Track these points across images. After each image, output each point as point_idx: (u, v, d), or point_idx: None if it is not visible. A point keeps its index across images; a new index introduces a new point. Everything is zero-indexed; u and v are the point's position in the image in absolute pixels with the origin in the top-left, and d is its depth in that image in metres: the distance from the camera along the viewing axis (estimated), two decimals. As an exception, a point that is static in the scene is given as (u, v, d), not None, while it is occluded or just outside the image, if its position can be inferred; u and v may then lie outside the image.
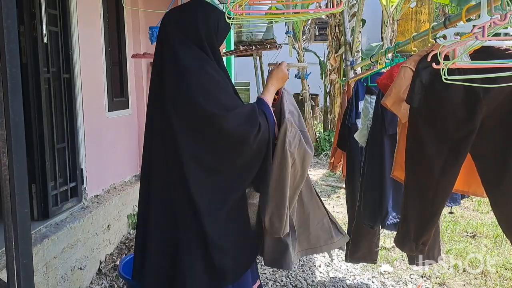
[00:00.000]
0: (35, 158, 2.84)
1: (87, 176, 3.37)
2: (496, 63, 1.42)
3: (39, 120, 2.84)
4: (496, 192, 1.56)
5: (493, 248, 3.62)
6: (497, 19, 1.29)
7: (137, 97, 4.43)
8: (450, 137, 1.53)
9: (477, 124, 1.50)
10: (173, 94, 1.59)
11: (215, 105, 1.55)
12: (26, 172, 1.14)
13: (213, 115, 1.54)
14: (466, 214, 4.43)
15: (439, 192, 1.58)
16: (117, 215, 3.67)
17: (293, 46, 9.08)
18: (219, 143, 1.58)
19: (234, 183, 1.63)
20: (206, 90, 1.57)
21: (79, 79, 3.24)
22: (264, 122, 1.61)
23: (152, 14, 3.95)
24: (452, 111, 1.51)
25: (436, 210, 1.61)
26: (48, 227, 2.81)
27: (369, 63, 2.95)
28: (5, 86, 1.09)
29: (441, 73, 1.37)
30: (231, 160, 1.61)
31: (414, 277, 3.13)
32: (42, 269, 2.53)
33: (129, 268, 2.56)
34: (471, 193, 1.78)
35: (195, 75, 1.58)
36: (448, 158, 1.54)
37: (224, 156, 1.60)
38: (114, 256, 3.46)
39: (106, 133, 3.76)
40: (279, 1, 2.44)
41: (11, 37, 1.09)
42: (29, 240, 1.16)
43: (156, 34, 2.65)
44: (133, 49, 4.20)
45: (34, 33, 2.77)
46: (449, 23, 1.65)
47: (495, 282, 3.05)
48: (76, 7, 3.19)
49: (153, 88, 1.73)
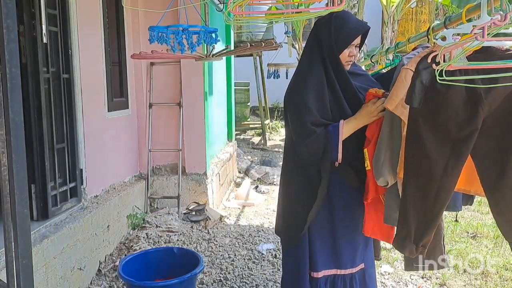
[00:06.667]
0: (34, 158, 2.84)
1: (87, 177, 3.37)
2: (496, 63, 1.42)
3: (39, 120, 2.84)
4: (496, 193, 1.55)
5: (493, 248, 3.61)
6: (497, 19, 1.29)
7: (137, 97, 4.43)
8: (452, 138, 1.53)
9: (479, 124, 1.49)
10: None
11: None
12: (25, 172, 1.14)
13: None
14: (466, 214, 4.43)
15: (441, 193, 1.57)
16: (117, 215, 3.66)
17: (292, 46, 9.07)
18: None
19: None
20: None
21: (78, 79, 3.24)
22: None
23: (152, 14, 3.95)
24: (454, 111, 1.51)
25: (438, 211, 1.60)
26: (48, 227, 2.81)
27: (369, 63, 2.95)
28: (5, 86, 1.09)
29: (436, 74, 1.37)
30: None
31: (415, 277, 3.13)
32: (41, 270, 2.52)
33: (129, 268, 2.57)
34: (473, 192, 1.77)
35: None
36: (450, 159, 1.53)
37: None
38: (114, 257, 3.46)
39: (105, 133, 3.76)
40: (279, 1, 2.43)
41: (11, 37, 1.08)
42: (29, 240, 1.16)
43: (156, 34, 2.66)
44: (133, 49, 4.20)
45: (34, 33, 2.77)
46: (449, 23, 1.65)
47: (496, 282, 3.04)
48: (76, 7, 3.19)
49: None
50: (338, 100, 1.84)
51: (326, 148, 1.80)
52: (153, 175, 4.56)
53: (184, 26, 2.75)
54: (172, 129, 4.54)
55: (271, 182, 6.07)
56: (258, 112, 9.35)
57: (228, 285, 3.10)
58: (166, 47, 2.80)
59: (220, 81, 5.71)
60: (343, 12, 1.86)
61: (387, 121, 1.73)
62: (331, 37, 1.82)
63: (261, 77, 9.31)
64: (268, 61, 9.06)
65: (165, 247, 3.42)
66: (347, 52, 1.85)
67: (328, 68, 1.83)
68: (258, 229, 4.20)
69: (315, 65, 1.85)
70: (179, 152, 4.50)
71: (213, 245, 3.79)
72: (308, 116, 1.79)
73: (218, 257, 3.55)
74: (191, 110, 4.49)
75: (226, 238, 3.95)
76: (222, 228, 4.20)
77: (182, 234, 3.94)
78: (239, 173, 6.53)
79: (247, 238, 3.96)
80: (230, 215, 4.65)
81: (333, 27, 1.83)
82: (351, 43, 1.85)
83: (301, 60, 1.98)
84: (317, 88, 1.82)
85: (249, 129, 10.05)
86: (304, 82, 1.84)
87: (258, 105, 9.08)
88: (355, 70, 1.96)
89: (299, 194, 1.95)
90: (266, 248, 3.70)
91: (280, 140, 9.39)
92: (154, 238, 3.79)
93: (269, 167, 6.64)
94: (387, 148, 1.71)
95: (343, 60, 1.85)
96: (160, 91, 4.49)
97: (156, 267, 2.75)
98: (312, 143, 1.80)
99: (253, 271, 3.30)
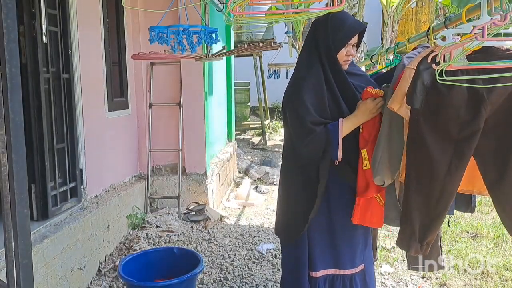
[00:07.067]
0: (34, 158, 2.84)
1: (87, 177, 3.37)
2: (496, 63, 1.42)
3: (39, 120, 2.83)
4: (498, 190, 1.55)
5: (493, 248, 3.61)
6: (497, 19, 1.29)
7: (137, 97, 4.43)
8: (454, 138, 1.52)
9: (481, 124, 1.49)
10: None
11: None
12: (25, 172, 1.14)
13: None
14: (466, 214, 4.42)
15: (444, 193, 1.56)
16: (117, 215, 3.66)
17: (293, 46, 9.07)
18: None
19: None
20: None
21: (78, 79, 3.24)
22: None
23: (152, 14, 3.95)
24: (456, 111, 1.50)
25: (442, 210, 1.60)
26: (48, 227, 2.81)
27: (369, 63, 2.95)
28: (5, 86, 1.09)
29: (436, 74, 1.37)
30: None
31: (415, 277, 3.13)
32: (41, 270, 2.52)
33: (129, 268, 2.57)
34: (475, 192, 1.77)
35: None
36: (453, 159, 1.53)
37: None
38: (114, 257, 3.46)
39: (105, 133, 3.76)
40: (279, 1, 2.43)
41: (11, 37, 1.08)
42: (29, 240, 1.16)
43: (156, 34, 2.66)
44: (133, 49, 4.20)
45: (34, 33, 2.77)
46: (449, 23, 1.65)
47: (496, 282, 3.04)
48: (76, 7, 3.19)
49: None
50: (336, 99, 1.85)
51: (326, 147, 1.80)
52: (153, 175, 4.56)
53: (185, 26, 2.75)
54: (172, 129, 4.54)
55: (271, 182, 6.07)
56: (258, 112, 9.35)
57: (228, 285, 3.10)
58: (164, 48, 2.80)
59: (220, 81, 5.71)
60: (340, 12, 1.86)
61: (386, 121, 1.73)
62: (329, 36, 1.83)
63: (261, 77, 9.31)
64: (269, 61, 9.06)
65: (165, 247, 3.42)
66: (345, 52, 1.86)
67: (326, 68, 1.84)
68: (258, 229, 4.20)
69: (313, 65, 1.86)
70: (179, 152, 4.50)
71: (213, 245, 3.79)
72: (307, 115, 1.79)
73: (218, 257, 3.55)
74: (191, 110, 4.49)
75: (226, 238, 3.95)
76: (222, 228, 4.20)
77: (182, 234, 3.94)
78: (239, 173, 6.53)
79: (247, 238, 3.96)
80: (230, 215, 4.65)
81: (330, 26, 1.84)
82: (348, 42, 1.86)
83: (299, 60, 1.98)
84: (316, 88, 1.83)
85: (249, 129, 10.05)
86: (303, 82, 1.85)
87: (258, 105, 9.08)
88: (353, 70, 1.97)
89: (298, 194, 1.95)
90: (266, 248, 3.70)
91: (280, 140, 9.39)
92: (154, 238, 3.79)
93: (269, 167, 6.64)
94: (384, 147, 1.71)
95: (340, 59, 1.86)
96: (160, 91, 4.49)
97: (156, 267, 2.75)
98: (312, 142, 1.80)
99: (253, 271, 3.30)
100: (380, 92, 1.81)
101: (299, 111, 1.82)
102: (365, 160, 1.80)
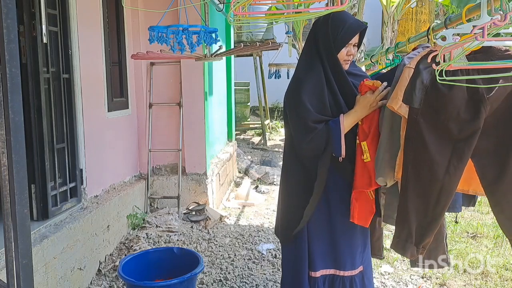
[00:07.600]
0: (34, 158, 2.84)
1: (87, 177, 3.37)
2: (495, 63, 1.42)
3: (39, 120, 2.84)
4: (497, 191, 1.55)
5: (493, 248, 3.61)
6: (497, 19, 1.29)
7: (137, 97, 4.43)
8: (453, 138, 1.52)
9: (481, 124, 1.49)
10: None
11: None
12: (25, 172, 1.14)
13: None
14: (466, 214, 4.43)
15: (443, 193, 1.56)
16: (117, 215, 3.66)
17: (293, 45, 9.07)
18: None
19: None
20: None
21: (78, 79, 3.24)
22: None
23: (152, 14, 3.95)
24: (456, 111, 1.50)
25: (440, 211, 1.59)
26: (48, 227, 2.81)
27: (369, 63, 2.95)
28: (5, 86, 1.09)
29: (436, 74, 1.37)
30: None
31: (415, 277, 3.13)
32: (41, 270, 2.52)
33: (129, 268, 2.57)
34: (471, 192, 1.76)
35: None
36: (452, 159, 1.53)
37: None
38: (114, 257, 3.46)
39: (105, 133, 3.76)
40: (279, 1, 2.43)
41: (10, 37, 1.08)
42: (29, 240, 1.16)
43: (156, 34, 2.66)
44: (133, 49, 4.20)
45: (34, 33, 2.77)
46: (449, 23, 1.65)
47: (496, 282, 3.04)
48: (76, 7, 3.19)
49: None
50: (337, 99, 1.85)
51: (328, 144, 1.80)
52: (153, 175, 4.56)
53: (184, 26, 2.75)
54: (172, 129, 4.54)
55: (271, 182, 6.07)
56: (258, 112, 9.35)
57: (228, 285, 3.10)
58: (161, 48, 2.80)
59: (220, 81, 5.71)
60: (340, 12, 1.86)
61: (387, 121, 1.72)
62: (329, 36, 1.84)
63: (261, 77, 9.31)
64: (269, 61, 9.06)
65: (165, 247, 3.42)
66: (345, 51, 1.86)
67: (326, 68, 1.85)
68: (258, 229, 4.20)
69: (314, 64, 1.86)
70: (179, 152, 4.51)
71: (213, 245, 3.79)
72: (308, 114, 1.80)
73: (218, 257, 3.55)
74: (191, 110, 4.49)
75: (226, 238, 3.95)
76: (222, 228, 4.20)
77: (182, 234, 3.94)
78: (239, 173, 6.53)
79: (247, 238, 3.96)
80: (230, 215, 4.65)
81: (330, 26, 1.84)
82: (349, 42, 1.86)
83: (300, 60, 1.99)
84: (317, 88, 1.83)
85: (249, 129, 10.05)
86: (304, 81, 1.85)
87: (258, 105, 9.09)
88: (354, 71, 1.97)
89: (298, 192, 1.95)
90: (266, 248, 3.70)
91: (280, 140, 9.39)
92: (154, 238, 3.79)
93: (269, 167, 6.64)
94: (386, 148, 1.71)
95: (341, 59, 1.86)
96: (160, 91, 4.49)
97: (156, 267, 2.75)
98: (314, 140, 1.80)
99: (253, 271, 3.30)
100: (377, 83, 1.81)
101: (300, 111, 1.82)
102: (366, 152, 1.79)
